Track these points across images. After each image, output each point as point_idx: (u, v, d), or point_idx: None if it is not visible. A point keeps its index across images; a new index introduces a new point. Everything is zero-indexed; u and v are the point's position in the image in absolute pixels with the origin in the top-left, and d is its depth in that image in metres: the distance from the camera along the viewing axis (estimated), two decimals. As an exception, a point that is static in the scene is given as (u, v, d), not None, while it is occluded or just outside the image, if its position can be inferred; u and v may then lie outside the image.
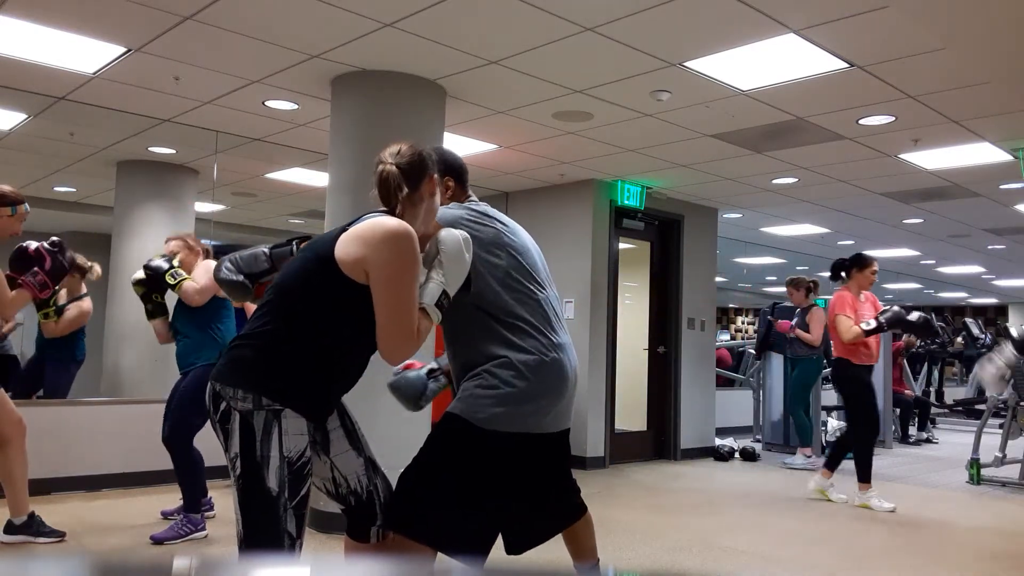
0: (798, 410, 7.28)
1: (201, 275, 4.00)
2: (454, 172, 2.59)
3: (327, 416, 2.16)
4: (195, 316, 4.03)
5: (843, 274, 5.41)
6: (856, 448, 5.30)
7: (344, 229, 2.04)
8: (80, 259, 4.74)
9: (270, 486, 1.93)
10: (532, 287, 2.41)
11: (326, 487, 2.19)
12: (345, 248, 1.98)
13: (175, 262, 4.03)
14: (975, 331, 10.65)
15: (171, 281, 3.98)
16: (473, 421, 2.26)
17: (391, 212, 2.10)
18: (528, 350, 2.33)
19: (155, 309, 4.11)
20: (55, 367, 5.25)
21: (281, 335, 1.99)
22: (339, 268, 1.96)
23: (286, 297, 2.03)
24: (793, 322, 7.30)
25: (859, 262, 5.35)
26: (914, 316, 5.12)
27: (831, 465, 5.38)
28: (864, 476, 5.25)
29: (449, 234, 2.16)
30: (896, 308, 5.14)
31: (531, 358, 2.32)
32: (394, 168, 2.10)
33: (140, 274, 4.04)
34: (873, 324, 5.10)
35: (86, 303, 5.12)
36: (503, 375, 2.29)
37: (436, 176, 2.20)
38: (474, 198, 2.55)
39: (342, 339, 2.03)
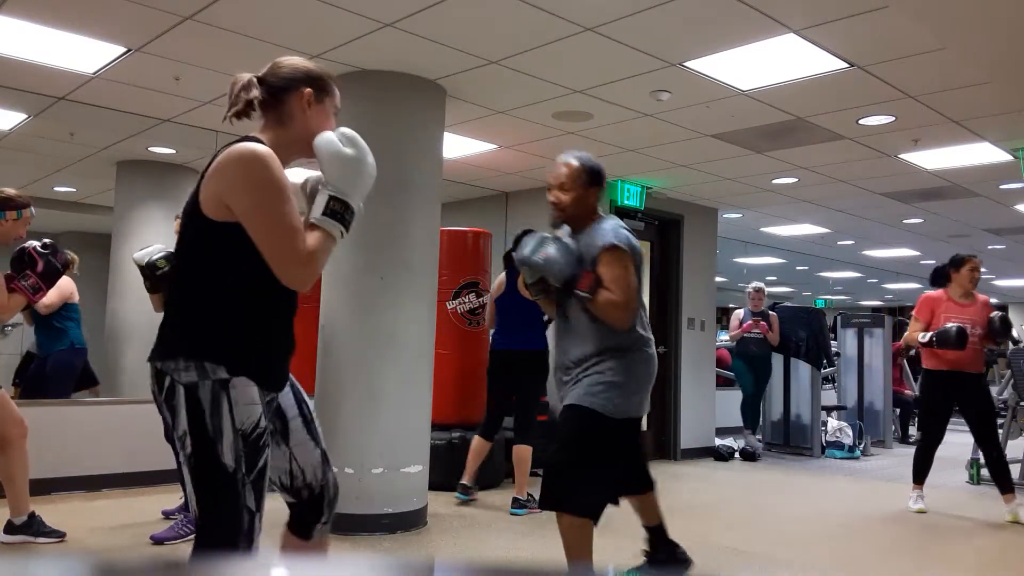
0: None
1: None
2: (599, 182, 2.98)
3: (278, 383, 2.01)
4: None
5: (949, 275, 5.12)
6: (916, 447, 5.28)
7: (204, 172, 1.92)
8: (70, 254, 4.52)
9: (225, 462, 1.82)
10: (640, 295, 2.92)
11: (280, 479, 2.07)
12: (205, 190, 1.87)
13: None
14: None
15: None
16: (604, 412, 2.75)
17: (247, 138, 1.96)
18: (646, 346, 2.87)
19: (154, 285, 3.87)
20: (56, 360, 5.23)
21: (193, 298, 1.90)
22: (204, 213, 1.85)
23: (182, 260, 1.96)
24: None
25: (953, 263, 5.10)
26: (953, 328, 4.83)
27: (1004, 487, 4.99)
28: (915, 477, 5.20)
29: (319, 137, 1.95)
30: (948, 326, 4.84)
31: (646, 353, 2.87)
32: (248, 75, 2.03)
33: (142, 260, 3.82)
34: (926, 338, 4.92)
35: (63, 279, 5.03)
36: (626, 368, 2.79)
37: (310, 92, 1.99)
38: (601, 212, 3.00)
39: (245, 282, 1.88)
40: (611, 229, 2.84)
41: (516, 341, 4.93)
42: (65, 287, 5.02)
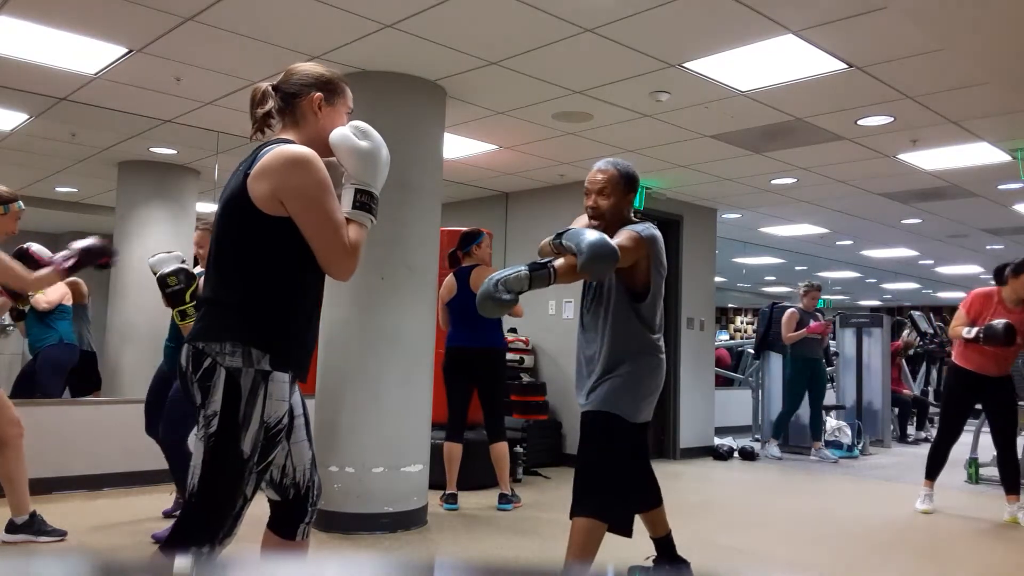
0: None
1: None
2: (634, 187, 3.05)
3: (305, 373, 2.11)
4: None
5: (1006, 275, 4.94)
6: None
7: (248, 169, 1.98)
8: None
9: (243, 448, 1.91)
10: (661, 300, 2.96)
11: (272, 475, 2.09)
12: (255, 187, 1.94)
13: (191, 293, 3.77)
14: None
15: (178, 320, 3.82)
16: (625, 417, 2.81)
17: (284, 141, 2.04)
18: (659, 352, 2.91)
19: (168, 301, 3.90)
20: (45, 355, 5.21)
21: (244, 286, 1.97)
22: (258, 208, 1.93)
23: (229, 253, 2.00)
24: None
25: (1014, 269, 4.86)
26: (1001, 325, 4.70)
27: (1010, 488, 4.92)
28: (927, 473, 5.16)
29: (334, 134, 2.07)
30: (994, 322, 4.71)
31: (661, 358, 2.92)
32: (265, 85, 2.10)
33: (156, 268, 3.81)
34: (972, 333, 4.75)
35: (63, 284, 4.95)
36: (644, 373, 2.84)
37: (320, 96, 2.10)
38: (633, 217, 3.03)
39: (292, 274, 2.00)
40: (639, 225, 2.90)
41: (472, 339, 4.89)
42: (67, 288, 5.01)
